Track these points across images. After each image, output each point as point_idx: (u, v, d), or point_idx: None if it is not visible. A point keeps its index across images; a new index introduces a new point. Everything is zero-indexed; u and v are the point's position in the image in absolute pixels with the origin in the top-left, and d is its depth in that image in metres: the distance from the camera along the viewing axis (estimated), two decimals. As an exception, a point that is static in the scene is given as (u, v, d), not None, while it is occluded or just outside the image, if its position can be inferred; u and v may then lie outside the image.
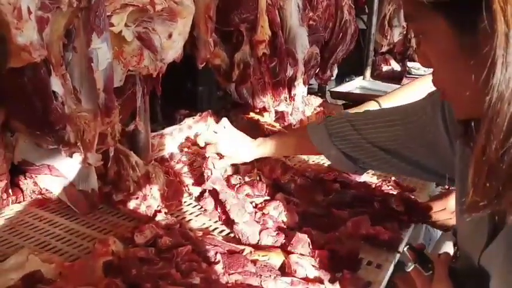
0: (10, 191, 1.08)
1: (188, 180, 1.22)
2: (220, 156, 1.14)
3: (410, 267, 0.61)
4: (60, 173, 1.05)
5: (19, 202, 1.10)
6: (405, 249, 0.63)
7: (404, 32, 3.08)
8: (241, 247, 0.90)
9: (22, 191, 1.11)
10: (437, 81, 0.56)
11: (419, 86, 1.37)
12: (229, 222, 1.01)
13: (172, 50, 1.06)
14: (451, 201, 1.03)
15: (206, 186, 1.11)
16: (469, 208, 0.48)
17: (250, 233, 0.95)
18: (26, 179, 1.11)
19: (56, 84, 0.85)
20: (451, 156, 0.72)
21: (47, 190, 1.11)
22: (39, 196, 1.12)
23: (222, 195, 1.05)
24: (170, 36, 1.03)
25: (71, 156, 0.94)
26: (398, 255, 0.95)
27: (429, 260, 0.60)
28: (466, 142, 0.59)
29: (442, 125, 0.73)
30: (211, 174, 1.11)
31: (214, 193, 1.09)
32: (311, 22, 1.66)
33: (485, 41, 0.43)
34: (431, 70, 0.56)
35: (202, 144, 1.18)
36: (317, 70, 1.93)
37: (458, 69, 0.50)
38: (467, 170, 0.48)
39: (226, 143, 1.13)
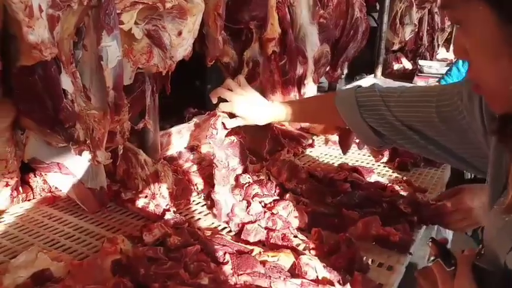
0: (20, 188, 1.09)
1: (197, 179, 1.21)
2: (232, 115, 1.04)
3: (432, 261, 0.59)
4: (69, 171, 1.05)
5: (29, 200, 1.11)
6: (428, 243, 0.61)
7: (416, 30, 3.04)
8: (251, 247, 0.89)
9: (32, 189, 1.12)
10: (474, 74, 0.53)
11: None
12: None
13: (182, 47, 1.05)
14: (464, 200, 1.01)
15: (206, 142, 1.05)
16: (508, 208, 0.46)
17: (223, 205, 0.97)
18: (35, 176, 1.11)
19: (66, 82, 0.85)
20: (485, 148, 0.69)
21: (56, 188, 1.11)
22: (49, 194, 1.13)
23: (215, 161, 1.03)
24: (180, 33, 1.03)
25: (80, 154, 0.94)
26: (410, 256, 0.94)
27: (452, 256, 0.58)
28: (503, 139, 0.56)
29: (479, 116, 0.69)
30: (217, 134, 1.03)
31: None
32: (321, 20, 1.64)
33: None
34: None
35: (214, 101, 1.06)
36: (327, 68, 1.91)
37: (499, 60, 0.47)
38: (502, 168, 0.45)
39: (241, 101, 1.03)
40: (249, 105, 1.03)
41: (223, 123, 1.03)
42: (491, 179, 0.64)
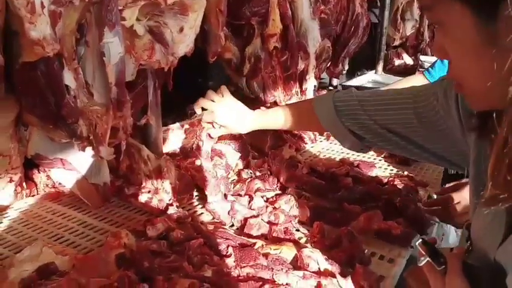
0: (24, 184, 1.10)
1: (199, 174, 1.22)
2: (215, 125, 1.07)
3: (422, 261, 0.59)
4: (72, 166, 1.06)
5: (33, 195, 1.12)
6: (417, 243, 0.61)
7: (417, 26, 3.03)
8: (253, 240, 0.90)
9: (36, 185, 1.13)
10: (454, 72, 0.54)
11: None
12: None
13: (184, 44, 1.05)
14: (465, 195, 1.01)
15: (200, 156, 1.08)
16: (488, 201, 0.47)
17: (221, 212, 1.00)
18: (39, 172, 1.12)
19: (68, 79, 0.86)
20: (463, 145, 0.70)
21: (60, 183, 1.12)
22: (52, 189, 1.13)
23: (204, 172, 1.05)
24: (181, 30, 1.03)
25: (83, 150, 0.95)
26: (411, 250, 0.94)
27: (441, 255, 0.59)
28: (482, 135, 0.58)
29: (456, 114, 0.70)
30: (202, 146, 1.07)
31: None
32: (323, 15, 1.64)
33: (508, 28, 0.42)
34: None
35: (198, 112, 1.09)
36: (328, 64, 1.91)
37: (479, 59, 0.48)
38: (482, 163, 0.47)
39: (223, 111, 1.05)
40: (230, 114, 1.06)
41: (208, 134, 1.07)
42: (473, 176, 0.65)
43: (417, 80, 1.56)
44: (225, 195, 1.08)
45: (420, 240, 0.61)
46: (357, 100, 0.88)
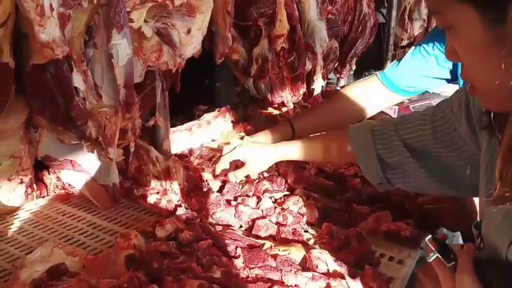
0: (34, 185, 1.11)
1: (207, 175, 1.22)
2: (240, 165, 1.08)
3: (431, 257, 0.59)
4: (82, 168, 1.07)
5: (43, 197, 1.13)
6: (426, 239, 0.61)
7: (425, 25, 3.01)
8: (262, 241, 0.89)
9: (46, 186, 1.14)
10: (466, 74, 0.55)
11: (336, 104, 1.33)
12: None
13: (191, 45, 1.06)
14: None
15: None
16: (497, 199, 0.47)
17: (228, 218, 0.99)
18: (49, 174, 1.13)
19: (77, 81, 0.87)
20: (476, 153, 0.70)
21: (69, 185, 1.13)
22: (62, 191, 1.14)
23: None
24: (189, 31, 1.03)
25: (92, 151, 0.96)
26: (420, 251, 0.94)
27: (451, 251, 0.59)
28: (491, 133, 0.58)
29: (465, 118, 0.71)
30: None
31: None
32: (330, 15, 1.64)
33: None
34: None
35: (232, 179, 1.10)
36: (336, 64, 1.90)
37: (489, 59, 0.49)
38: (493, 162, 0.47)
39: (251, 157, 1.06)
40: (256, 158, 1.06)
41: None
42: (483, 175, 0.65)
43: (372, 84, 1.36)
44: (228, 201, 1.07)
45: (430, 236, 0.60)
46: (393, 123, 0.89)
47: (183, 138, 1.42)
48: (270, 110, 1.67)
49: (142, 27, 0.96)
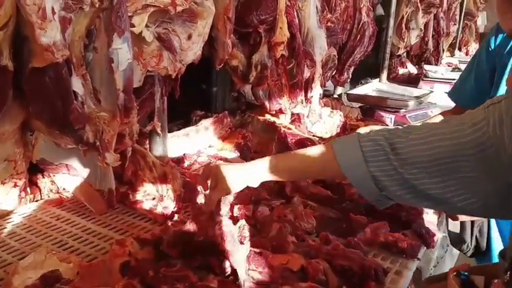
0: (28, 189, 1.09)
1: (204, 181, 1.21)
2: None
3: None
4: (77, 172, 1.06)
5: (36, 200, 1.11)
6: (451, 276, 0.59)
7: (422, 35, 3.04)
8: (260, 250, 0.88)
9: (40, 190, 1.12)
10: None
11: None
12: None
13: (192, 51, 1.05)
14: None
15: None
16: None
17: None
18: (43, 177, 1.12)
19: (76, 84, 0.86)
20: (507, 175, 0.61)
21: (64, 189, 1.12)
22: (57, 195, 1.13)
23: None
24: (190, 37, 1.03)
25: (89, 156, 0.95)
26: (417, 262, 0.94)
27: (475, 286, 0.57)
28: None
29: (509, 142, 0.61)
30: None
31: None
32: (329, 24, 1.64)
33: None
34: None
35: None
36: (334, 72, 1.91)
37: None
38: None
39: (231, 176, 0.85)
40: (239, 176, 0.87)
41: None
42: None
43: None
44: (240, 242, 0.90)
45: (454, 273, 0.58)
46: (385, 138, 0.73)
47: (180, 144, 1.41)
48: (268, 116, 1.67)
49: (143, 32, 0.96)
